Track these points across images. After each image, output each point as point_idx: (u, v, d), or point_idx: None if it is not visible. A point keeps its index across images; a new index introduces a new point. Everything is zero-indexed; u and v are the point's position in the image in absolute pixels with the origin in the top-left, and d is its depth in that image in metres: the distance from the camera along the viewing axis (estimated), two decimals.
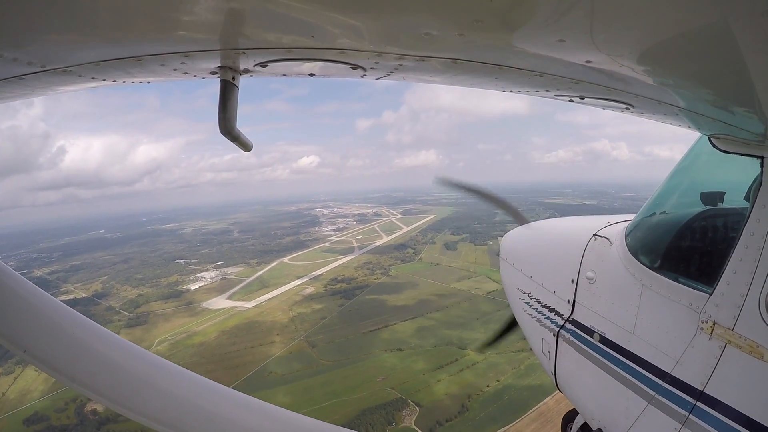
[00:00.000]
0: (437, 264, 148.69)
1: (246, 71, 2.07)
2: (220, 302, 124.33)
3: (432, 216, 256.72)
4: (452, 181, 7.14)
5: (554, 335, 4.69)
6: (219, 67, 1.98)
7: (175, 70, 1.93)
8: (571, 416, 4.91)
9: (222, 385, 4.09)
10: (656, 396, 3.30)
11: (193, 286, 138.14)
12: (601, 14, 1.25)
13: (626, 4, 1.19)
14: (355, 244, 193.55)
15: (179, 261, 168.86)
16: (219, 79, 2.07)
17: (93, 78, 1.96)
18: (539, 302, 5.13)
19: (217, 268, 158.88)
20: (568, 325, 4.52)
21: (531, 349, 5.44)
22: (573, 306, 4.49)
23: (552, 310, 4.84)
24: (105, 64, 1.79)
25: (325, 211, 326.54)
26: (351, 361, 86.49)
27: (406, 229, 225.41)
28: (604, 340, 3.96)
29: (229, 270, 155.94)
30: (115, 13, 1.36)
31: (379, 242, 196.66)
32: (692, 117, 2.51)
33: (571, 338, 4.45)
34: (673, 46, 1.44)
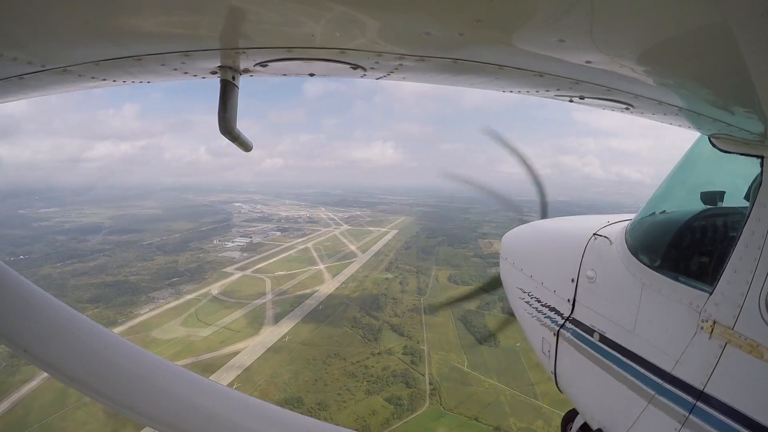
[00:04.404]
0: None
1: (246, 71, 2.09)
2: None
3: (392, 232, 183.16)
4: (458, 177, 7.36)
5: (554, 334, 4.67)
6: (219, 66, 1.99)
7: (175, 69, 1.94)
8: (571, 416, 4.87)
9: (222, 385, 4.13)
10: (656, 395, 3.30)
11: None
12: (602, 14, 1.25)
13: (626, 4, 1.19)
14: (266, 293, 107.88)
15: None
16: (219, 79, 2.07)
17: (93, 78, 1.97)
18: (539, 301, 5.10)
19: None
20: (569, 325, 4.50)
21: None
22: (573, 305, 4.46)
23: (552, 309, 4.82)
24: (105, 64, 1.80)
25: (245, 207, 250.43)
26: None
27: (361, 258, 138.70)
28: (604, 339, 3.95)
29: None
30: (115, 12, 1.36)
31: (315, 300, 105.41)
32: (692, 117, 2.53)
33: (571, 337, 4.42)
34: (673, 46, 1.44)
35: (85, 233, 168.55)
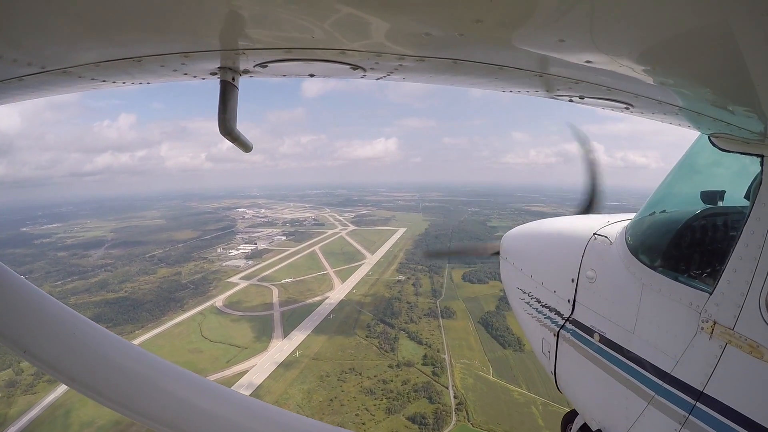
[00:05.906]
0: None
1: (246, 72, 2.09)
2: None
3: (400, 230, 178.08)
4: (436, 251, 8.35)
5: (554, 335, 4.65)
6: (219, 67, 2.00)
7: (175, 70, 1.95)
8: (571, 416, 4.85)
9: (222, 386, 4.10)
10: (656, 396, 3.29)
11: None
12: (601, 14, 1.25)
13: (626, 4, 1.19)
14: (273, 304, 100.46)
15: None
16: (219, 80, 2.08)
17: (93, 79, 1.97)
18: (539, 302, 5.07)
19: None
20: (569, 325, 4.48)
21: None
22: (573, 305, 4.44)
23: (552, 309, 4.79)
24: (105, 65, 1.80)
25: (250, 212, 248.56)
26: None
27: (370, 260, 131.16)
28: (604, 339, 3.93)
29: None
30: (115, 13, 1.36)
31: (326, 307, 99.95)
32: (692, 116, 2.52)
33: (572, 338, 4.41)
34: (673, 46, 1.43)
35: (87, 248, 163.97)
